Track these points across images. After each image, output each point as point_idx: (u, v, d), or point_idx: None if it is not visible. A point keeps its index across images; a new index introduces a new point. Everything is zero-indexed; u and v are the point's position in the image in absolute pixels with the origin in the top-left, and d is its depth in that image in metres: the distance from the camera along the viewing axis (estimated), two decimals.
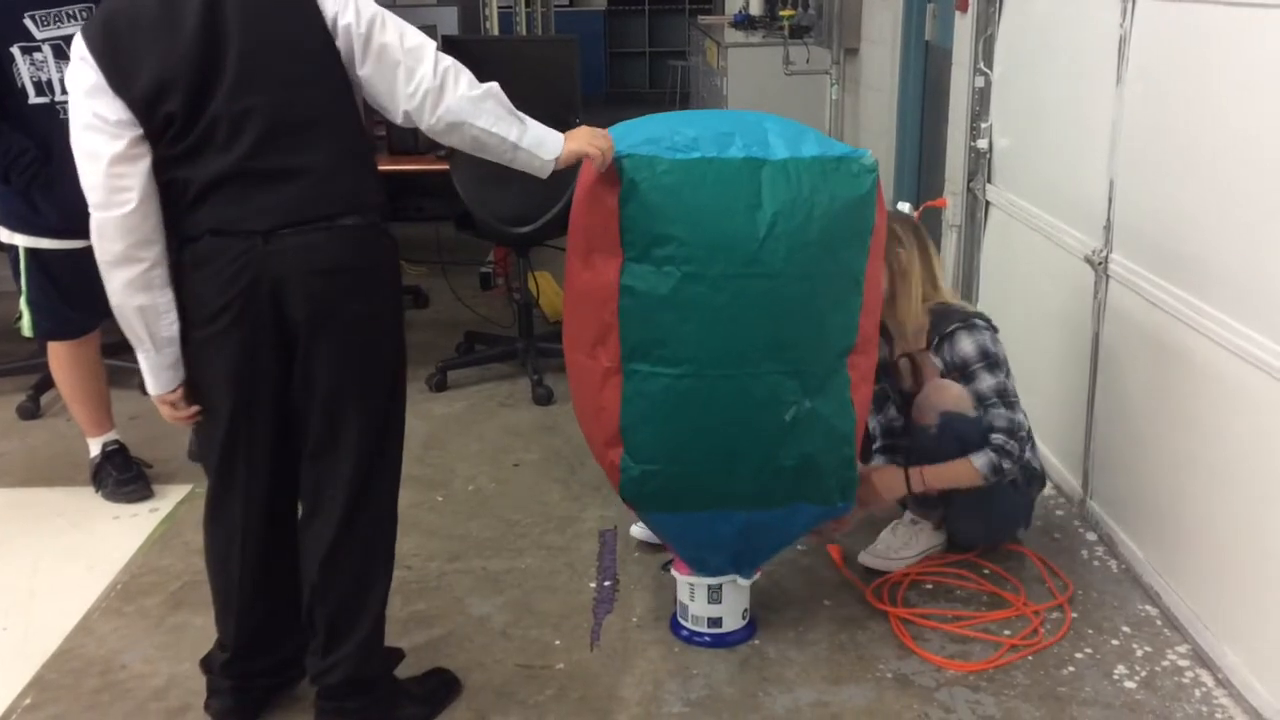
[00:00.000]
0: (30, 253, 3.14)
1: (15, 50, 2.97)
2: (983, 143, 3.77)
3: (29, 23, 2.98)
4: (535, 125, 2.08)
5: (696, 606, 2.53)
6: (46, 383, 3.73)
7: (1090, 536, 2.98)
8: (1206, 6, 2.43)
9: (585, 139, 2.11)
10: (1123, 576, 2.80)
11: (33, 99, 3.01)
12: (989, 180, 3.79)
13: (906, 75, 5.03)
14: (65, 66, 2.98)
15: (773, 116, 2.34)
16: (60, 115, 3.02)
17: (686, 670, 2.46)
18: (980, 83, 3.76)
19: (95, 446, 3.34)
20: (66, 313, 3.20)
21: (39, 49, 3.00)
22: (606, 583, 2.81)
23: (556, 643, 2.57)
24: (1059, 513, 3.10)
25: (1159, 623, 2.61)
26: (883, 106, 5.25)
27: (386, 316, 2.14)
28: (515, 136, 2.04)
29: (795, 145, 2.22)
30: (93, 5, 3.00)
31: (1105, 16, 2.83)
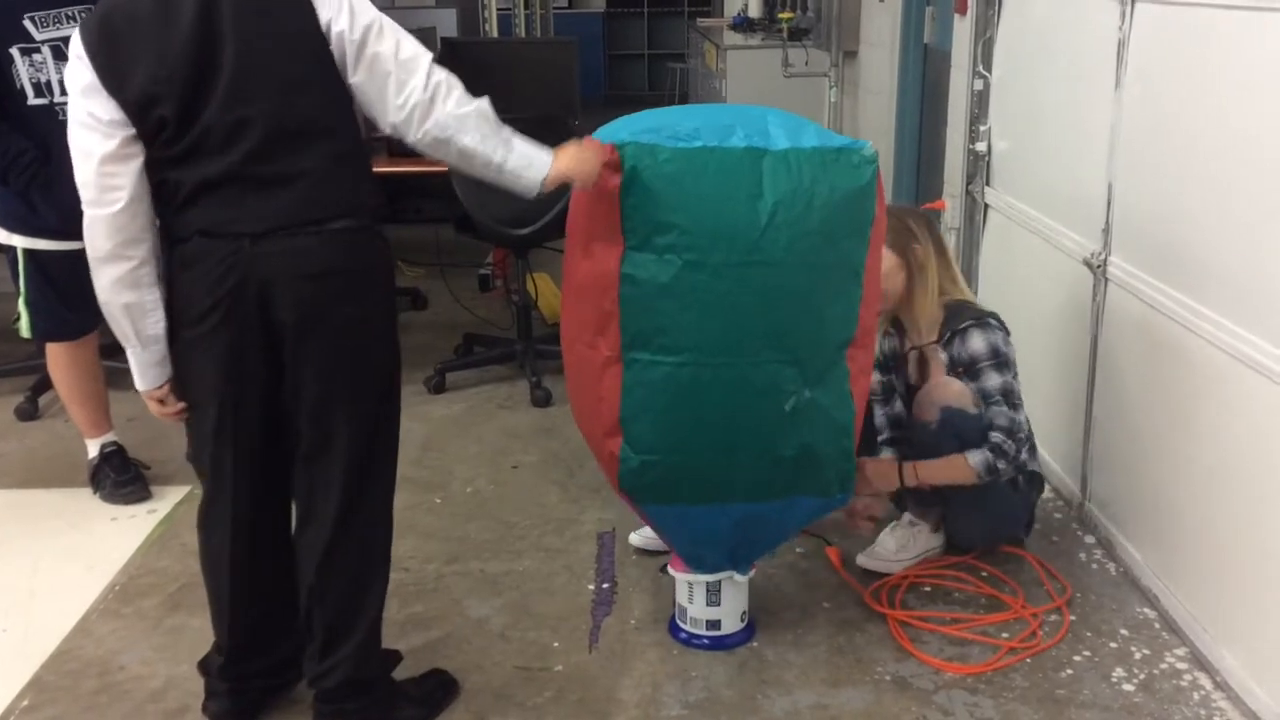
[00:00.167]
0: (29, 254, 3.14)
1: (14, 51, 2.97)
2: (981, 145, 3.77)
3: (28, 24, 2.99)
4: (523, 144, 2.05)
5: (695, 609, 2.53)
6: (45, 384, 3.73)
7: (1088, 539, 2.98)
8: (1205, 9, 2.43)
9: (573, 161, 2.08)
10: (1121, 579, 2.80)
11: (31, 100, 3.01)
12: (988, 183, 3.79)
13: (905, 78, 5.04)
14: (64, 68, 3.00)
15: (773, 110, 2.33)
16: (59, 116, 3.02)
17: (685, 673, 2.46)
18: (979, 85, 3.76)
19: (93, 448, 3.34)
20: (64, 314, 3.20)
21: (38, 50, 3.00)
22: (605, 585, 2.81)
23: (555, 645, 2.57)
24: (1057, 515, 3.10)
25: (1157, 625, 2.61)
26: (882, 109, 5.25)
27: (378, 320, 2.13)
28: (501, 156, 2.02)
29: (796, 136, 2.22)
30: (92, 6, 3.00)
31: (1104, 19, 2.84)
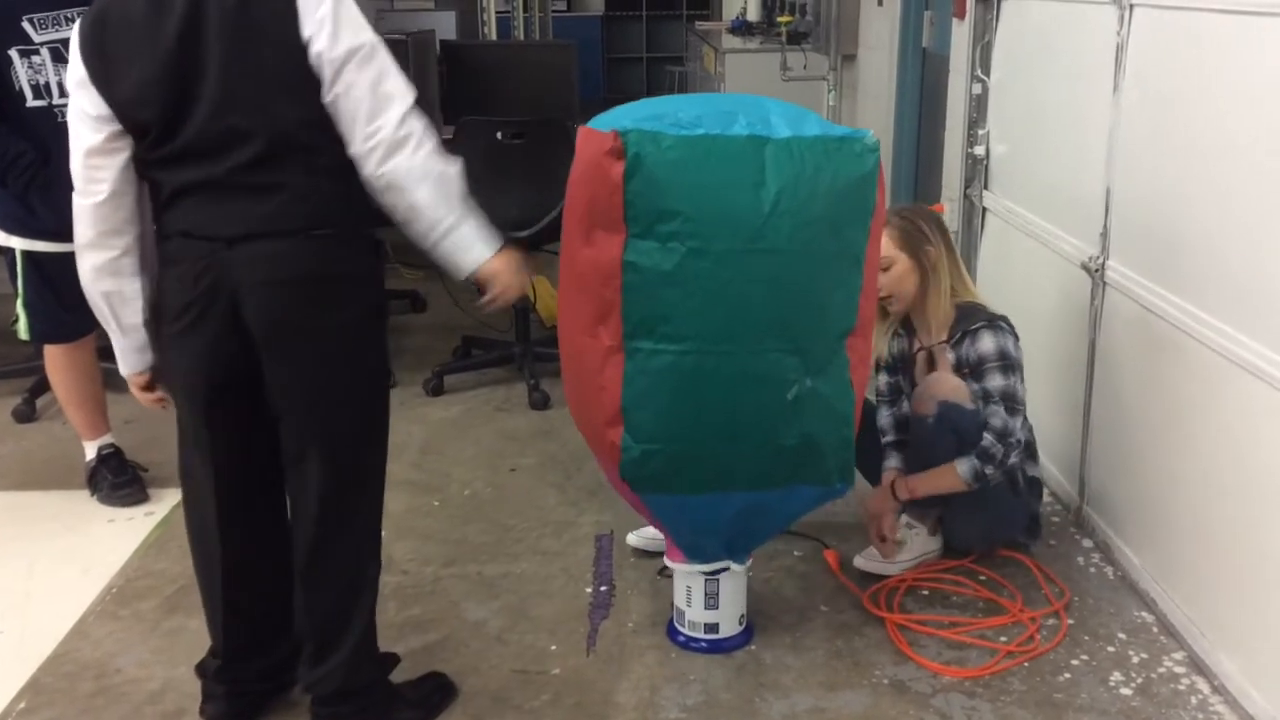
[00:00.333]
0: (27, 255, 3.14)
1: (13, 53, 2.97)
2: (980, 149, 3.78)
3: (27, 26, 2.99)
4: (474, 227, 2.02)
5: (693, 612, 2.53)
6: (42, 386, 3.74)
7: (1086, 543, 2.98)
8: (1203, 14, 2.43)
9: (507, 271, 2.07)
10: (1119, 583, 2.80)
11: (30, 102, 3.01)
12: (986, 187, 3.80)
13: (904, 82, 5.04)
14: (63, 69, 3.01)
15: (773, 100, 2.33)
16: (58, 118, 3.01)
17: (683, 676, 2.46)
18: (977, 89, 3.77)
19: (91, 450, 3.34)
20: (62, 315, 3.19)
21: (37, 52, 3.00)
22: (603, 588, 2.80)
23: (552, 648, 2.56)
24: (1055, 519, 3.10)
25: (1155, 629, 2.61)
26: (880, 113, 5.26)
27: (355, 329, 2.07)
28: (447, 226, 1.99)
29: (797, 125, 2.21)
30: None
31: (1102, 23, 2.84)
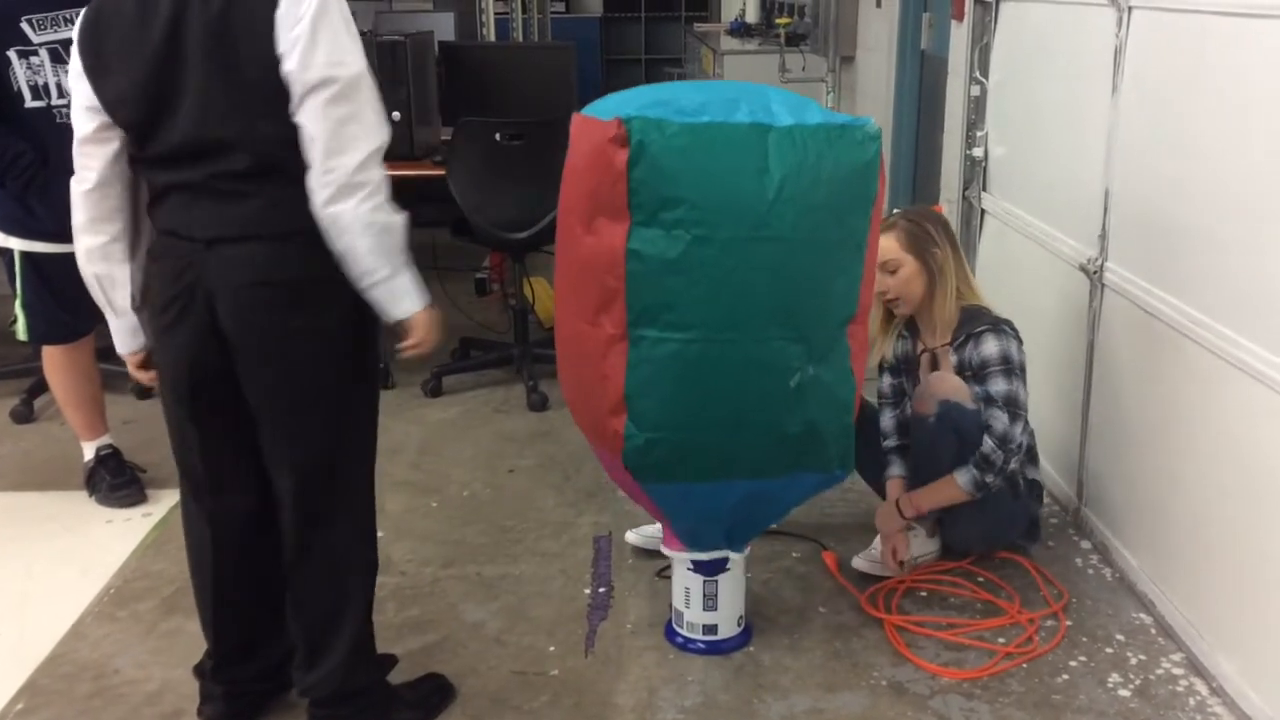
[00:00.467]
0: (25, 256, 3.14)
1: (12, 54, 2.97)
2: (978, 151, 3.78)
3: (26, 26, 2.98)
4: (406, 280, 2.03)
5: (692, 613, 2.53)
6: (40, 386, 3.73)
7: (1085, 544, 2.99)
8: (1202, 16, 2.44)
9: (428, 326, 2.08)
10: (1117, 584, 2.80)
11: (29, 103, 3.01)
12: (984, 188, 3.80)
13: (902, 84, 5.05)
14: (62, 70, 3.02)
15: (774, 88, 2.33)
16: (57, 119, 3.02)
17: (681, 677, 2.46)
18: (976, 91, 3.77)
19: (89, 450, 3.34)
20: (61, 316, 3.20)
21: (36, 53, 3.00)
22: (601, 589, 2.81)
23: (551, 649, 2.57)
24: (1053, 520, 3.10)
25: (1153, 631, 2.61)
26: (879, 115, 5.26)
27: (332, 332, 2.04)
28: (379, 278, 1.99)
29: (799, 113, 2.21)
30: None
31: (1101, 26, 2.84)
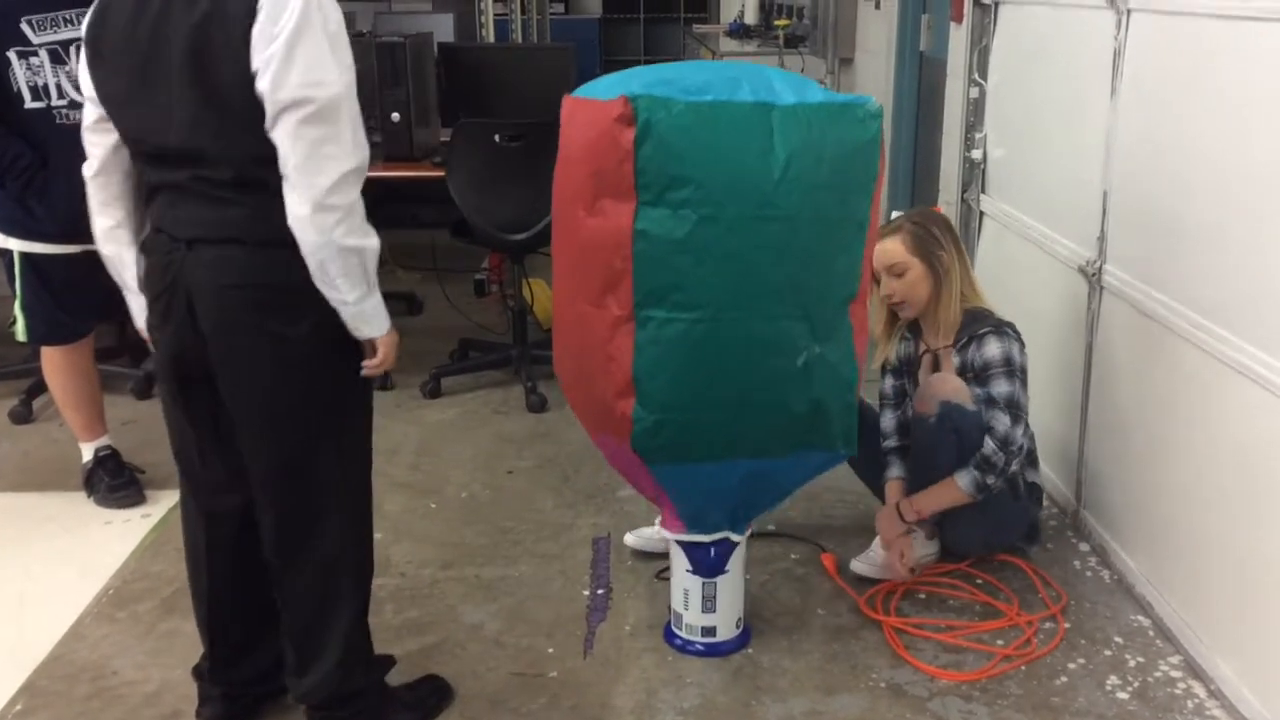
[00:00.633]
0: (25, 257, 3.14)
1: (11, 55, 2.97)
2: (977, 153, 3.78)
3: (25, 27, 2.98)
4: (372, 304, 2.02)
5: (690, 615, 2.53)
6: (39, 387, 3.73)
7: (1083, 547, 2.99)
8: (1201, 19, 2.44)
9: (392, 346, 2.09)
10: (1115, 587, 2.80)
11: (29, 104, 3.00)
12: (983, 190, 3.80)
13: (901, 85, 5.05)
14: (61, 71, 3.02)
15: (773, 69, 2.34)
16: (56, 120, 3.02)
17: (680, 679, 2.46)
18: (975, 93, 3.78)
19: (88, 451, 3.34)
20: (60, 317, 3.20)
21: (35, 54, 3.00)
22: (600, 591, 2.81)
23: (550, 651, 2.57)
24: (1052, 523, 3.10)
25: (1151, 633, 2.61)
26: None
27: (309, 339, 2.00)
28: (346, 300, 1.97)
29: (801, 92, 2.22)
30: (88, 10, 3.00)
31: (1100, 28, 2.85)
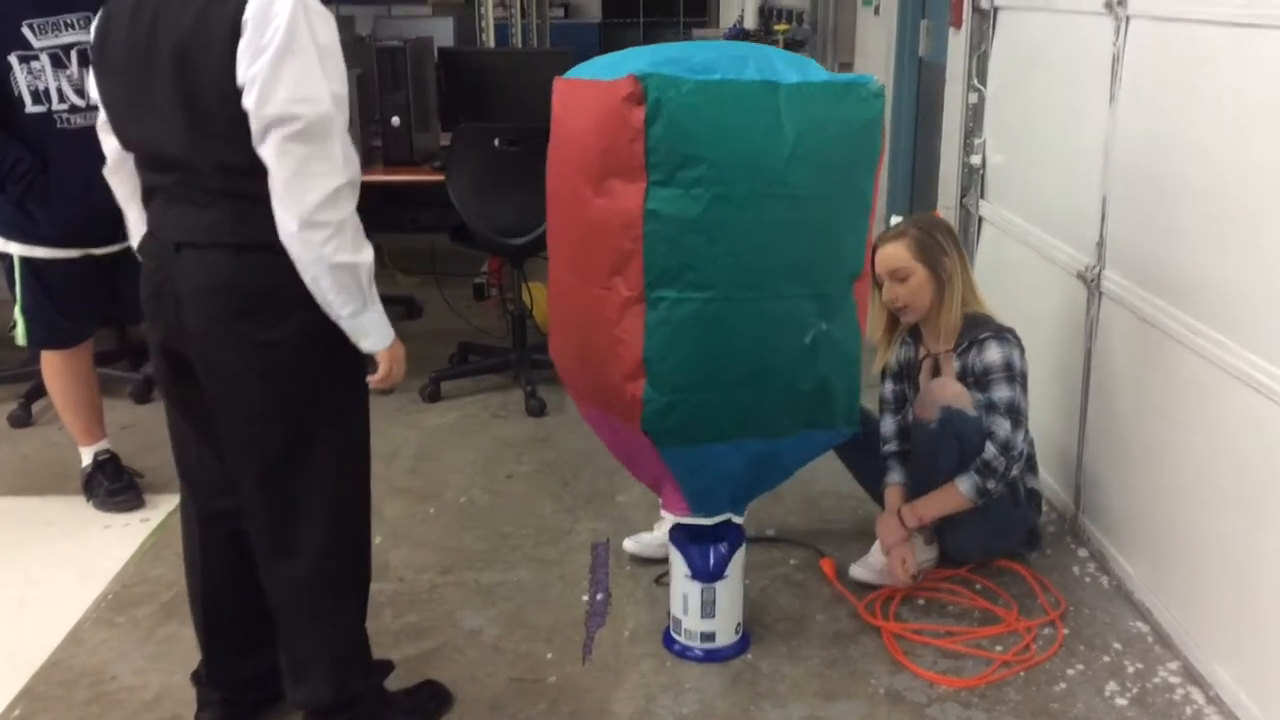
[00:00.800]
0: (25, 261, 3.14)
1: (12, 59, 2.97)
2: (976, 158, 3.78)
3: (27, 31, 2.98)
4: (374, 316, 2.00)
5: (689, 621, 2.53)
6: (38, 391, 3.73)
7: (1082, 552, 2.99)
8: (1199, 26, 2.44)
9: (394, 359, 2.08)
10: (1114, 593, 2.80)
11: (30, 108, 3.01)
12: (982, 196, 3.81)
13: (900, 91, 5.06)
14: (62, 75, 3.02)
15: (773, 49, 2.34)
16: (57, 124, 3.02)
17: (679, 685, 2.46)
18: (974, 99, 3.78)
19: (87, 455, 3.34)
20: (61, 322, 3.20)
21: (36, 58, 3.00)
22: (599, 596, 2.81)
23: (549, 656, 2.57)
24: (1051, 528, 3.10)
25: (1150, 639, 2.61)
26: None
27: (294, 344, 1.97)
28: (342, 314, 1.95)
29: (803, 71, 2.22)
30: (90, 14, 3.00)
31: (1099, 35, 2.85)
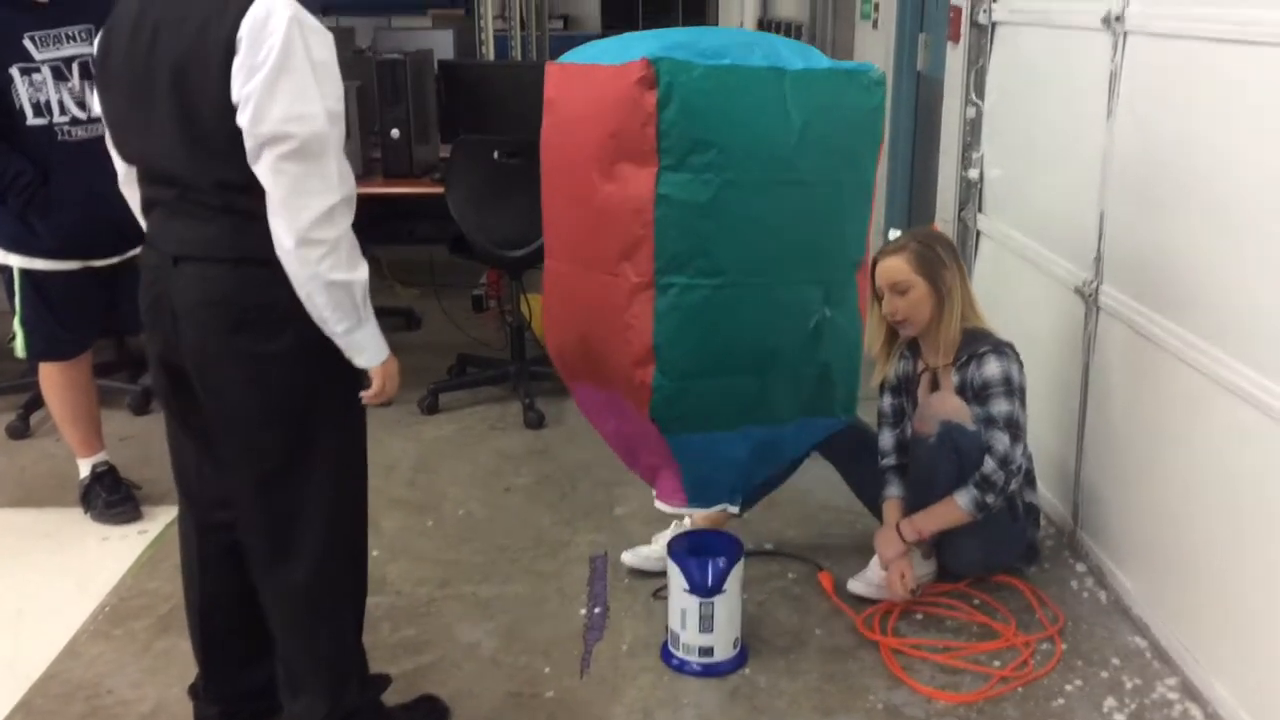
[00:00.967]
0: (25, 273, 3.14)
1: (14, 71, 2.98)
2: (974, 172, 3.79)
3: (28, 43, 2.99)
4: (364, 334, 1.99)
5: (687, 635, 2.53)
6: (36, 402, 3.73)
7: (1080, 567, 2.99)
8: (1197, 42, 2.46)
9: (391, 375, 2.08)
10: (1112, 608, 2.80)
11: (30, 120, 3.01)
12: (980, 210, 3.81)
13: (898, 104, 5.07)
14: (64, 88, 3.02)
15: (776, 35, 2.35)
16: (58, 137, 3.03)
17: (677, 699, 2.46)
18: (972, 113, 3.79)
19: (85, 467, 3.34)
20: (60, 334, 3.20)
21: (38, 70, 3.00)
22: (597, 609, 2.80)
23: (546, 670, 2.56)
24: (1049, 543, 3.10)
25: (1148, 655, 2.61)
26: None
27: (289, 359, 1.97)
28: (336, 331, 1.95)
29: (807, 58, 2.24)
30: (92, 27, 3.01)
31: (1097, 50, 2.86)
